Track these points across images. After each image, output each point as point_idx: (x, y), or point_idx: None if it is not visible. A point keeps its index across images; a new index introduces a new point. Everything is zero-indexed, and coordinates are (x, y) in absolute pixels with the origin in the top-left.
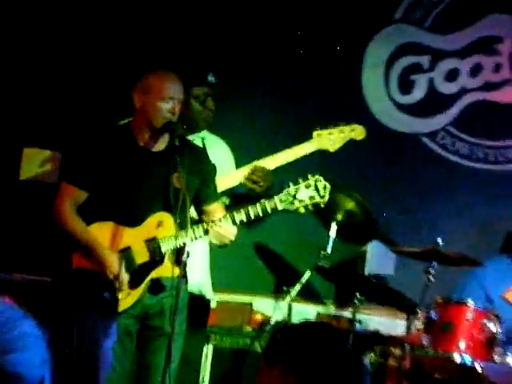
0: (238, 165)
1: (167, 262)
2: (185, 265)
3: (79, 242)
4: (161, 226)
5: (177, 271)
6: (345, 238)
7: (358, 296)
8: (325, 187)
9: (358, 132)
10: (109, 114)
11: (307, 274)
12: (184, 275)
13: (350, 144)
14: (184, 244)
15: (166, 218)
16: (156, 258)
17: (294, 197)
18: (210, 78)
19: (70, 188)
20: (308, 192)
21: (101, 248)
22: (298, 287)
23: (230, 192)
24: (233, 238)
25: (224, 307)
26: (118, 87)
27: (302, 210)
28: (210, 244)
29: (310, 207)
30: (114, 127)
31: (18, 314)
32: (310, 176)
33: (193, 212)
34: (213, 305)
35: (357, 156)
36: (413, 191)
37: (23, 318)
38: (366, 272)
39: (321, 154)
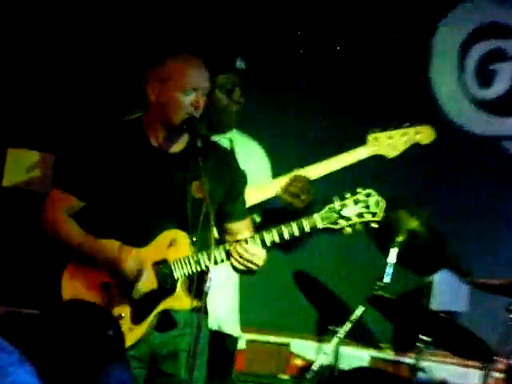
0: (276, 173)
1: (180, 290)
2: (206, 295)
3: (79, 248)
4: (173, 245)
5: (194, 303)
6: (406, 266)
7: (423, 337)
8: (377, 203)
9: (425, 134)
10: (114, 107)
11: (359, 310)
12: (204, 308)
13: (415, 149)
14: (203, 269)
15: (180, 237)
16: (166, 286)
17: (339, 214)
18: (239, 64)
19: (64, 196)
20: (356, 209)
21: (110, 244)
22: (347, 326)
23: (263, 208)
24: (260, 264)
25: (255, 349)
26: (125, 75)
27: (349, 230)
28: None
29: (358, 226)
30: (120, 123)
31: (12, 359)
32: (359, 189)
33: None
34: (241, 346)
35: (423, 163)
36: (491, 208)
37: (18, 364)
38: (432, 308)
39: (378, 160)
